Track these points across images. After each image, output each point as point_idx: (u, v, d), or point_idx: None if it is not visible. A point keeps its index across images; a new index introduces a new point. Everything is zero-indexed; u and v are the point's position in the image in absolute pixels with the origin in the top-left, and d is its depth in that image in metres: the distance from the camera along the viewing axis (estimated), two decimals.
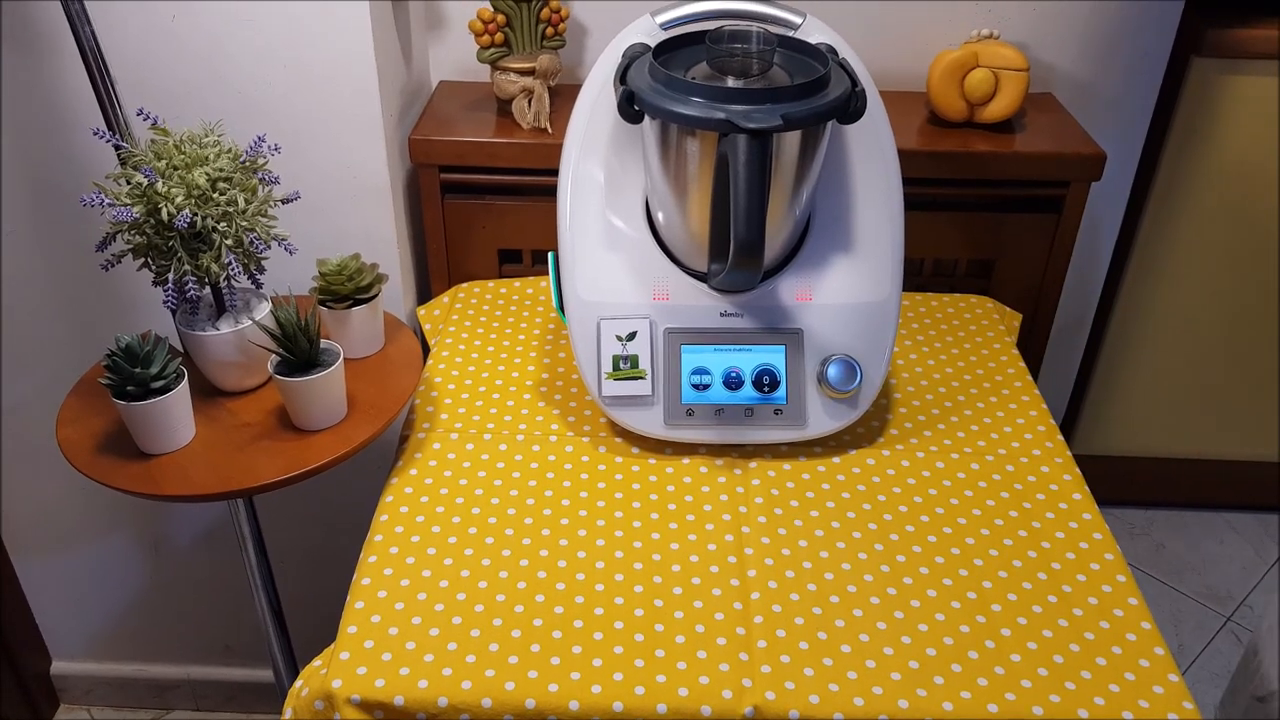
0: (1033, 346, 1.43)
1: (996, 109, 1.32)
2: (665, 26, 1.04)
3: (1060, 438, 1.09)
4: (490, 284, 1.33)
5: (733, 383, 1.02)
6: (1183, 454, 1.95)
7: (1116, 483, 1.98)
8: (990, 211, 1.34)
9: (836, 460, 1.05)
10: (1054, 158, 1.29)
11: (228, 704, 1.74)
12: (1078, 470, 1.04)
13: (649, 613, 0.87)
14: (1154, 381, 1.85)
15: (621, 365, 1.02)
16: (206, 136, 0.97)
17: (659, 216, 1.03)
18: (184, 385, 0.97)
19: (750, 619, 0.87)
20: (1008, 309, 1.32)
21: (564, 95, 1.34)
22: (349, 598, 0.89)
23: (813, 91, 0.91)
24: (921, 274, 1.39)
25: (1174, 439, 1.93)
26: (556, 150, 1.08)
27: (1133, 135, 1.50)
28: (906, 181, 1.06)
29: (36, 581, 1.61)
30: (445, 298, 1.32)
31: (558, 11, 1.30)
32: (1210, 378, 1.85)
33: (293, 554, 1.54)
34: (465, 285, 1.33)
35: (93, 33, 1.00)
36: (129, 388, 0.94)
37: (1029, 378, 1.18)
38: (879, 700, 0.80)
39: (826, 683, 0.81)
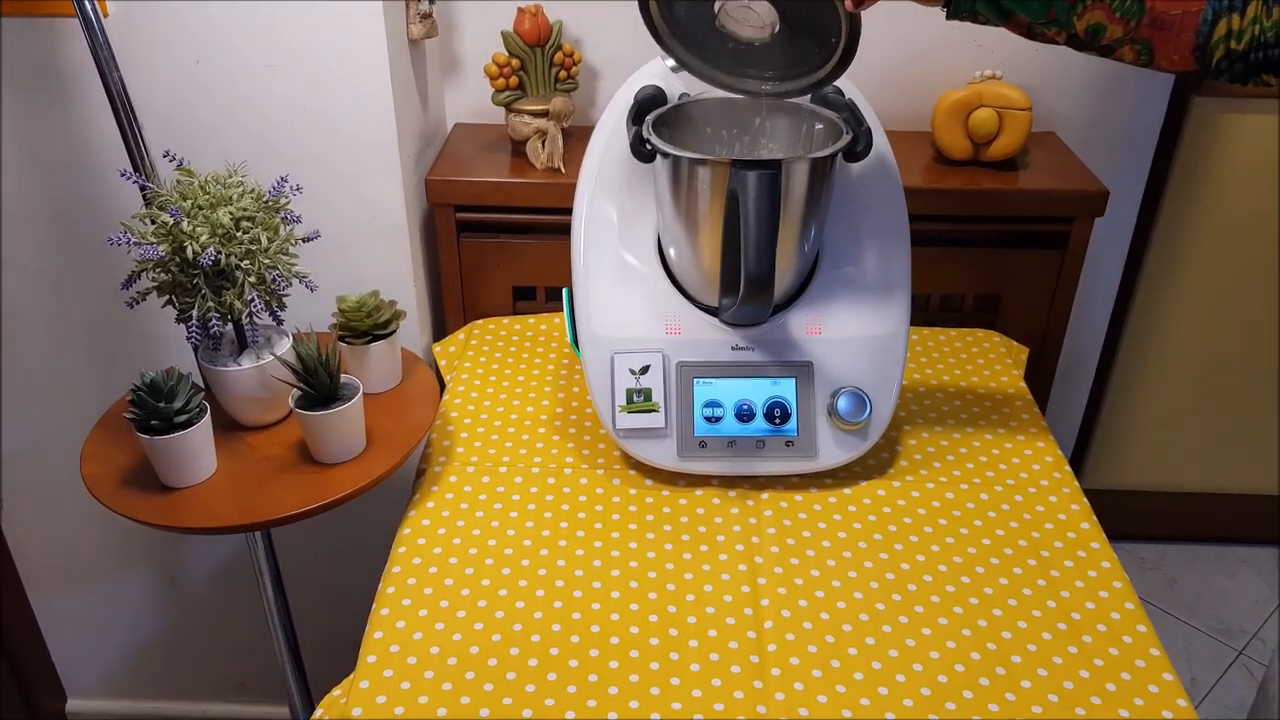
0: (1040, 380, 1.44)
1: (1000, 147, 1.35)
2: (676, 69, 1.07)
3: (1068, 468, 1.10)
4: (505, 320, 1.36)
5: (744, 415, 1.04)
6: (1193, 488, 1.95)
7: (1127, 517, 1.98)
8: (996, 247, 1.37)
9: (847, 491, 1.06)
10: (1057, 194, 1.32)
11: None
12: (1085, 500, 1.05)
13: (664, 641, 0.88)
14: (1163, 414, 1.86)
15: (635, 398, 1.04)
16: (230, 177, 1.00)
17: (671, 253, 1.06)
18: (206, 419, 0.99)
19: (764, 647, 0.88)
20: (1014, 342, 1.34)
21: (577, 136, 1.37)
22: (368, 628, 0.90)
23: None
24: (929, 309, 1.41)
25: (1184, 472, 1.93)
26: (570, 189, 1.10)
27: (1135, 172, 1.53)
28: (913, 218, 1.08)
29: (53, 619, 1.62)
30: (461, 334, 1.34)
31: (570, 55, 1.34)
32: (1219, 410, 1.85)
33: (308, 589, 1.55)
34: (480, 322, 1.36)
35: (120, 78, 1.04)
36: (153, 422, 0.96)
37: (1036, 410, 1.19)
38: None
39: (840, 709, 0.82)
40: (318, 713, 0.88)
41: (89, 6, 0.99)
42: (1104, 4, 0.84)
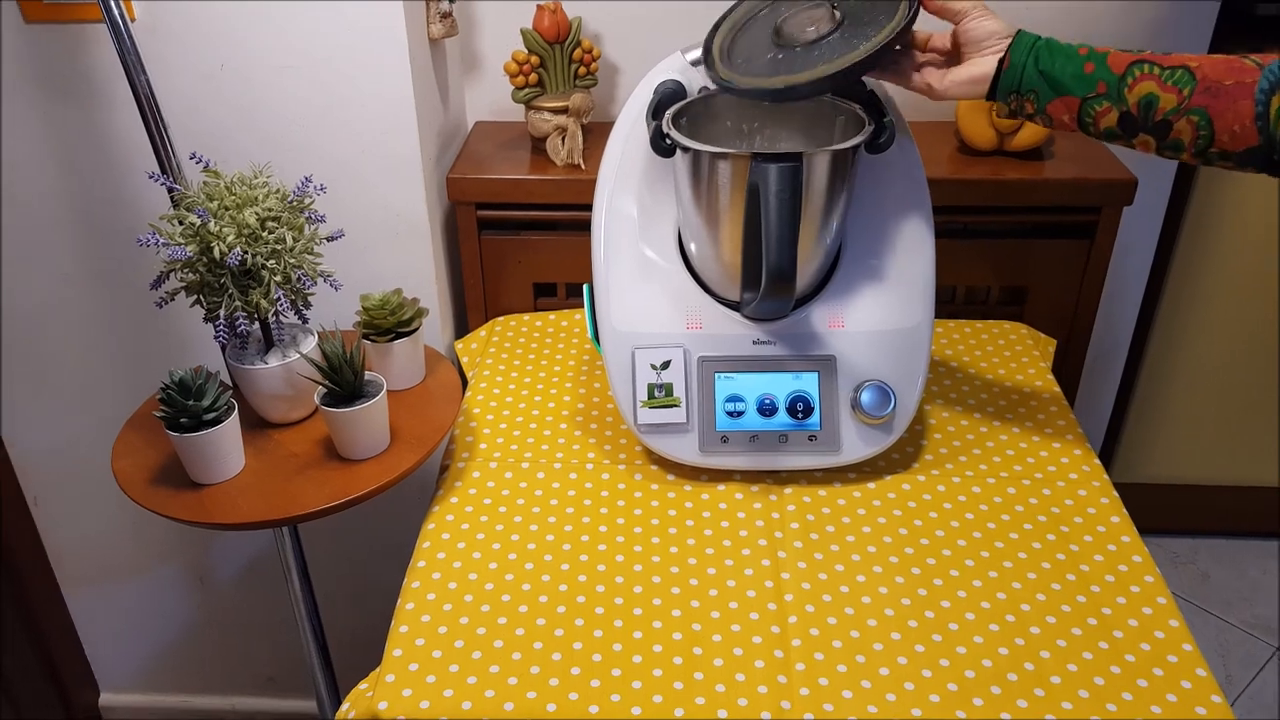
0: (1068, 372, 1.43)
1: (1025, 137, 1.33)
2: (695, 64, 1.07)
3: (1097, 461, 1.09)
4: (526, 317, 1.36)
5: (767, 409, 1.04)
6: (1226, 481, 1.93)
7: (1159, 511, 1.96)
8: (1022, 238, 1.35)
9: (871, 485, 1.05)
10: (1084, 184, 1.30)
11: None
12: (1115, 494, 1.04)
13: (687, 636, 0.88)
14: (1194, 406, 1.84)
15: (656, 394, 1.04)
16: (256, 178, 1.00)
17: (691, 247, 1.06)
18: (234, 417, 1.00)
19: (788, 642, 0.87)
20: (1041, 335, 1.33)
21: (596, 132, 1.37)
22: (394, 622, 0.91)
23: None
24: (954, 301, 1.40)
25: (1216, 465, 1.91)
26: (590, 186, 1.10)
27: (1163, 161, 1.51)
28: (937, 210, 1.07)
29: (86, 614, 1.65)
30: (483, 331, 1.35)
31: (589, 51, 1.34)
32: (1251, 402, 1.83)
33: (335, 584, 1.56)
34: (502, 319, 1.36)
35: (147, 81, 1.05)
36: (182, 420, 0.97)
37: (1064, 402, 1.18)
38: None
39: (865, 705, 0.82)
40: (344, 707, 0.88)
41: (116, 11, 1.00)
42: (1154, 74, 0.83)
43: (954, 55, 0.93)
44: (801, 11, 0.96)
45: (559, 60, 1.33)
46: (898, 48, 0.92)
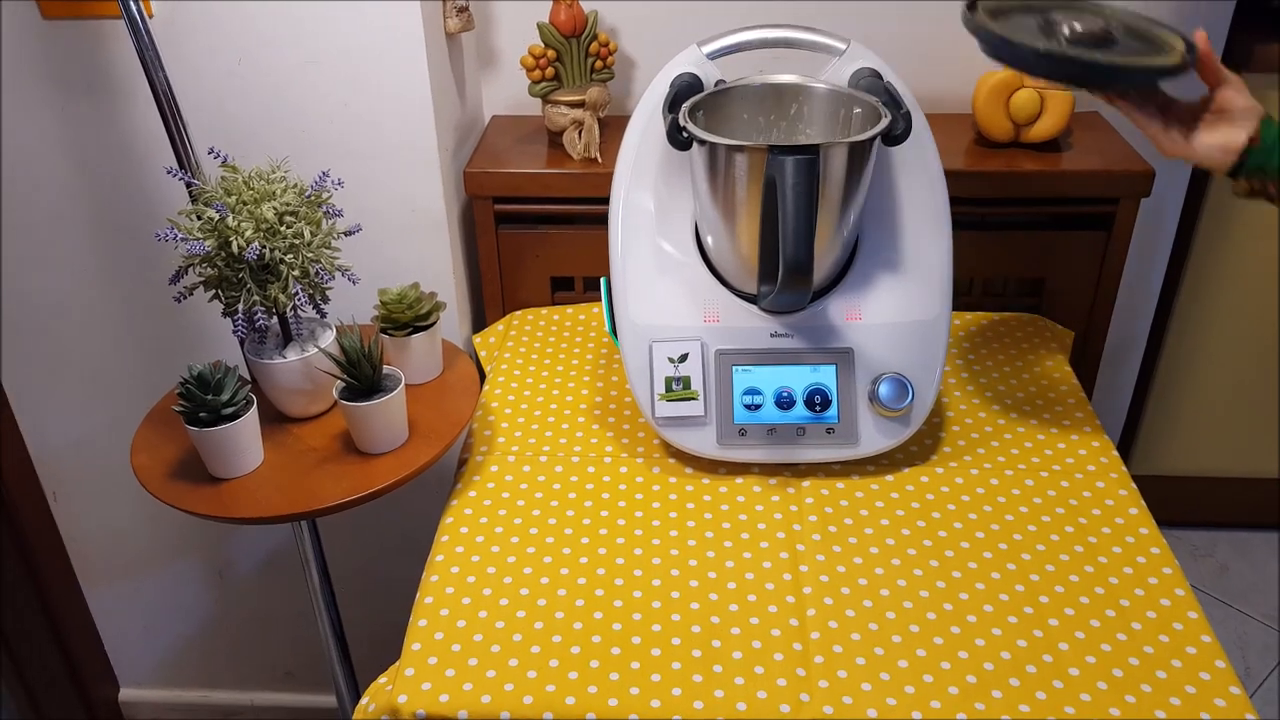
0: (1085, 364, 1.42)
1: (1043, 128, 1.33)
2: (712, 56, 1.07)
3: (1115, 453, 1.08)
4: (543, 311, 1.36)
5: (784, 402, 1.04)
6: (1245, 473, 1.91)
7: (1177, 503, 1.95)
8: (1039, 230, 1.35)
9: (889, 478, 1.05)
10: (1102, 175, 1.30)
11: None
12: (1133, 486, 1.04)
13: (706, 629, 0.88)
14: (1213, 398, 1.83)
15: (674, 387, 1.04)
16: (274, 173, 1.01)
17: (708, 240, 1.05)
18: (253, 411, 1.00)
19: (806, 635, 0.87)
20: (1059, 327, 1.32)
21: (613, 126, 1.37)
22: (413, 616, 0.91)
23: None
24: (971, 293, 1.40)
25: (1236, 457, 1.89)
26: (607, 179, 1.10)
27: None
28: (954, 201, 1.07)
29: (105, 609, 1.66)
30: (500, 325, 1.35)
31: (606, 45, 1.34)
32: (1270, 394, 1.81)
33: (353, 578, 1.57)
34: (519, 312, 1.36)
35: (165, 77, 1.05)
36: (201, 414, 0.97)
37: (1082, 394, 1.17)
38: (936, 715, 0.80)
39: (884, 697, 0.82)
40: (364, 701, 0.89)
41: (134, 7, 1.01)
42: None
43: (1195, 117, 0.92)
44: (1076, 16, 0.95)
45: (576, 54, 1.33)
46: (1160, 84, 0.92)
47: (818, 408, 1.04)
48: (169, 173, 1.03)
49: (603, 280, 1.12)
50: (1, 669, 1.53)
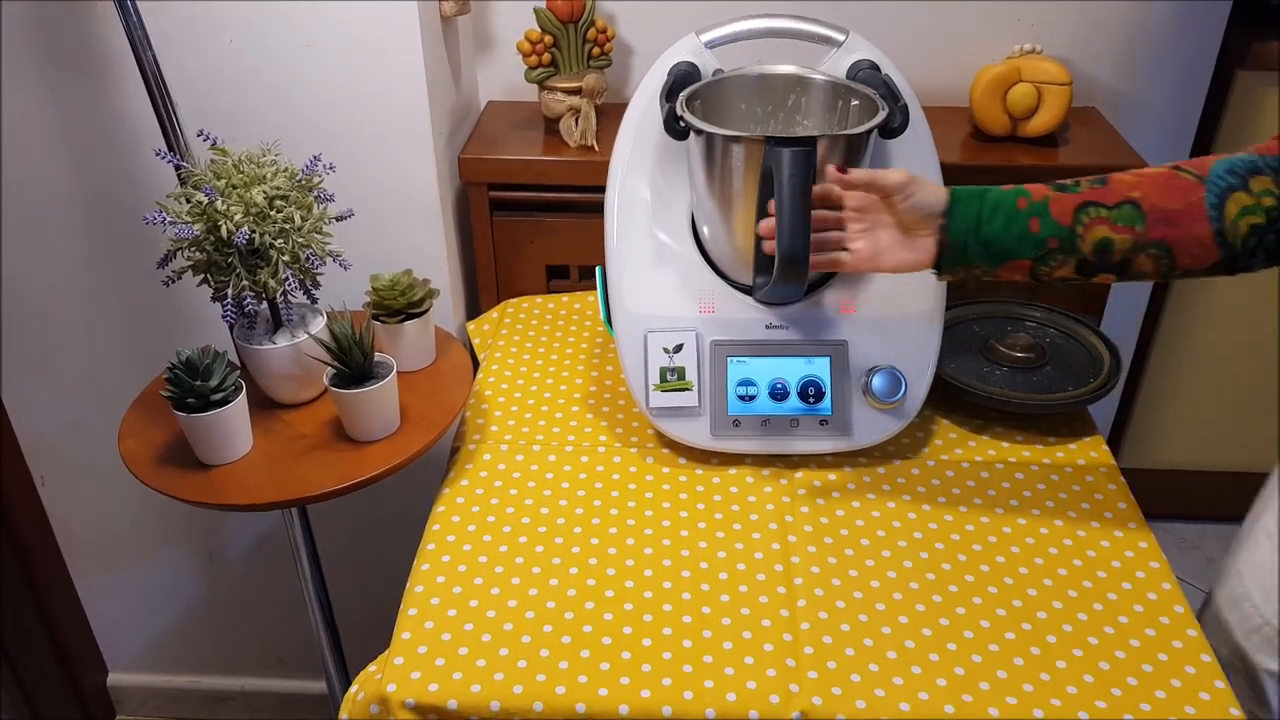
0: None
1: (1040, 123, 1.32)
2: (710, 45, 1.06)
3: (1105, 447, 1.08)
4: (538, 299, 1.36)
5: (778, 394, 1.04)
6: (1233, 467, 1.92)
7: (1166, 497, 1.96)
8: None
9: (882, 470, 1.05)
10: (1098, 170, 1.29)
11: (281, 715, 1.76)
12: (1123, 480, 1.04)
13: (697, 619, 0.88)
14: (1202, 393, 1.83)
15: (668, 377, 1.04)
16: (264, 156, 1.00)
17: (704, 231, 1.05)
18: (242, 397, 0.99)
19: (797, 625, 0.87)
20: None
21: (610, 114, 1.36)
22: (403, 604, 0.91)
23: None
24: (965, 288, 1.39)
25: (1224, 451, 1.90)
26: (603, 168, 1.10)
27: (1178, 148, 1.50)
28: None
29: (94, 594, 1.65)
30: (494, 312, 1.34)
31: (604, 32, 1.33)
32: (1258, 389, 1.82)
33: (343, 565, 1.57)
34: (514, 300, 1.36)
35: (154, 57, 1.04)
36: (189, 400, 0.97)
37: None
38: (925, 706, 0.81)
39: (873, 688, 0.82)
40: (353, 689, 0.89)
41: None
42: (1103, 218, 0.82)
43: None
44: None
45: (573, 40, 1.32)
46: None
47: (811, 400, 1.03)
48: (158, 155, 1.02)
49: (598, 269, 1.11)
50: None
